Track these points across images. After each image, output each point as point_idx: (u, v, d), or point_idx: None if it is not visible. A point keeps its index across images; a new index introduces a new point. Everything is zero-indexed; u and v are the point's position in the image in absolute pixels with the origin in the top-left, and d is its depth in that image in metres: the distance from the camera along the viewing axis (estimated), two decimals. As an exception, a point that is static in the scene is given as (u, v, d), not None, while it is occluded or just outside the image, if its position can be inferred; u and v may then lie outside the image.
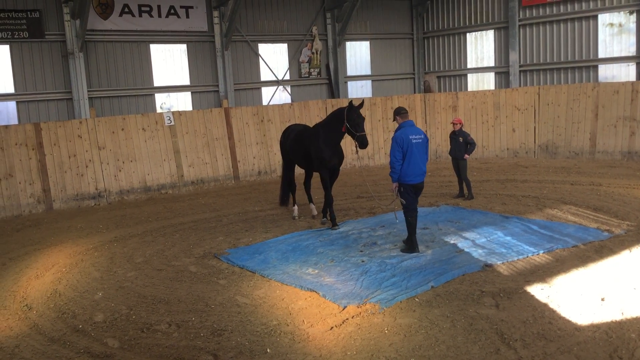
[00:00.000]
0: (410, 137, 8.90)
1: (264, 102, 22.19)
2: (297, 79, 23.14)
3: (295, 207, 12.46)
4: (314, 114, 19.05)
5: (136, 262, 9.74)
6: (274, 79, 22.54)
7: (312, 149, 11.37)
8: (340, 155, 11.41)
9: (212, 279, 8.61)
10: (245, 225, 11.95)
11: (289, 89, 22.93)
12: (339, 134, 11.04)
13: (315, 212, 12.30)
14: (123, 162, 15.89)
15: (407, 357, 5.81)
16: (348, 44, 24.37)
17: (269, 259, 9.38)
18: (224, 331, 6.73)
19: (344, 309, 7.09)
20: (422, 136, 9.04)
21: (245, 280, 8.49)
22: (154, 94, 20.18)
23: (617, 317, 6.40)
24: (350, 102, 10.80)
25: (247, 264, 9.14)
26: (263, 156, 18.08)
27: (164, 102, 20.41)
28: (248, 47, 21.79)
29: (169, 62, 20.40)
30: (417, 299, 7.29)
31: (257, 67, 22.20)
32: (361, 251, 9.55)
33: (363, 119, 10.73)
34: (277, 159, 18.24)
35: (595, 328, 6.18)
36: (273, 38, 22.39)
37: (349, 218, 11.92)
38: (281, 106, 18.86)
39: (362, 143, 10.59)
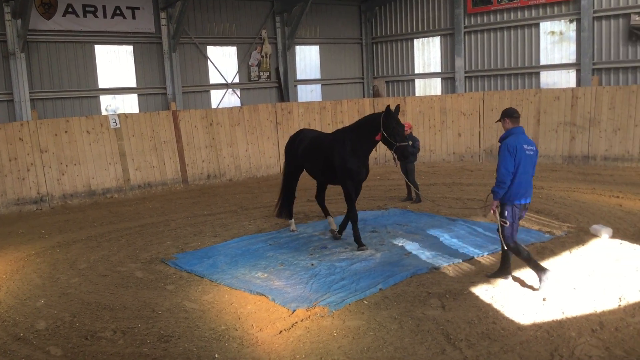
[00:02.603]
0: (524, 147, 7.34)
1: (213, 105, 21.99)
2: (247, 82, 23.03)
3: (293, 220, 11.27)
4: (264, 117, 19.01)
5: (80, 268, 9.49)
6: (223, 82, 22.37)
7: (336, 159, 9.81)
8: (367, 169, 9.96)
9: (159, 285, 8.47)
10: (193, 229, 11.81)
11: (238, 92, 22.80)
12: (370, 143, 9.62)
13: (334, 227, 10.73)
14: (66, 166, 15.46)
15: (356, 359, 5.85)
16: (298, 48, 24.42)
17: (217, 263, 9.29)
18: (171, 337, 6.62)
19: (293, 313, 7.09)
20: (534, 148, 7.49)
21: (193, 285, 8.39)
22: (98, 96, 19.72)
23: (558, 316, 6.60)
24: (388, 107, 9.23)
25: (195, 269, 9.03)
26: (212, 160, 17.91)
27: (110, 105, 19.96)
28: (196, 49, 21.56)
29: (115, 64, 19.98)
30: (365, 302, 7.35)
31: (205, 70, 21.99)
32: (311, 254, 9.57)
33: (403, 126, 9.41)
34: (226, 162, 18.12)
35: (537, 327, 6.36)
36: (222, 41, 22.22)
37: (299, 222, 11.92)
38: (230, 109, 18.74)
39: (404, 155, 9.27)
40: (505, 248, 7.56)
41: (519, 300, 7.14)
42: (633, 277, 7.69)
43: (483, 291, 7.48)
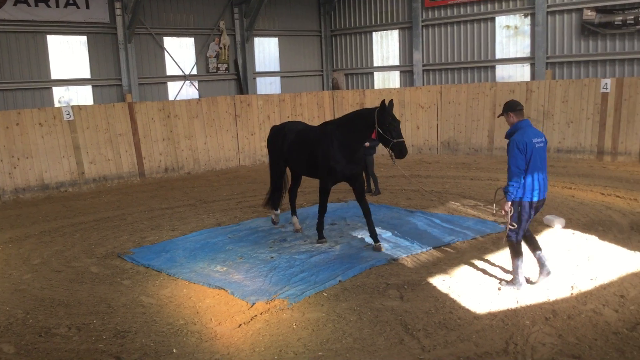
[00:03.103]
0: (534, 140, 6.90)
1: (171, 97, 21.68)
2: (205, 74, 22.77)
3: (278, 212, 10.76)
4: (223, 110, 18.83)
5: (33, 263, 9.25)
6: (181, 73, 22.06)
7: (321, 155, 9.31)
8: (359, 163, 9.39)
9: (116, 280, 8.32)
10: (151, 223, 11.64)
11: (196, 84, 22.52)
12: (362, 139, 9.10)
13: (298, 227, 10.44)
14: (18, 159, 15.02)
15: (315, 351, 5.87)
16: (257, 40, 24.25)
17: (176, 257, 9.18)
18: (127, 333, 6.52)
19: (252, 306, 7.06)
20: (544, 139, 7.07)
21: (150, 279, 8.27)
22: (51, 88, 19.23)
23: (513, 305, 6.75)
24: (383, 102, 8.71)
25: (152, 263, 8.91)
26: (170, 152, 17.67)
27: (63, 96, 19.48)
28: (153, 40, 21.20)
29: (68, 55, 19.49)
30: (325, 294, 7.37)
31: (162, 61, 21.64)
32: (270, 247, 9.54)
33: (399, 121, 8.85)
34: (184, 155, 17.89)
35: (492, 316, 6.49)
36: (179, 32, 21.90)
37: (258, 215, 11.87)
38: (188, 101, 18.50)
39: (401, 152, 8.65)
40: (505, 240, 7.29)
41: (475, 290, 7.26)
42: (585, 266, 7.91)
43: (440, 282, 7.59)
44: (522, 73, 20.98)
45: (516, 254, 7.19)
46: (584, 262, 8.08)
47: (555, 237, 9.32)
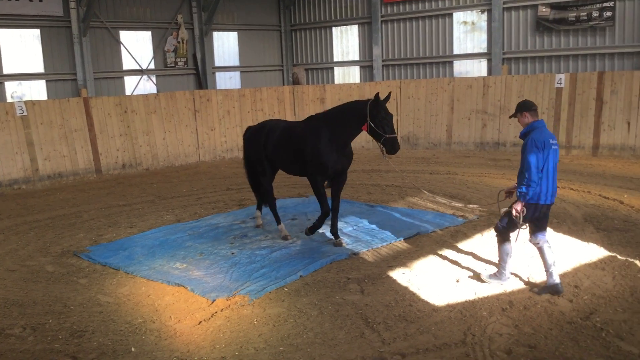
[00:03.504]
0: (550, 141, 6.66)
1: (128, 92, 21.29)
2: (163, 69, 22.43)
3: (282, 225, 9.81)
4: (182, 105, 18.60)
5: (-15, 263, 8.98)
6: (138, 68, 21.69)
7: (309, 151, 8.88)
8: (349, 157, 9.08)
9: (72, 279, 8.14)
10: (108, 220, 11.42)
11: (154, 78, 22.18)
12: (352, 133, 8.77)
13: (260, 222, 10.22)
14: (-32, 156, 14.55)
15: (276, 346, 5.86)
16: (215, 34, 24.01)
17: (134, 255, 9.03)
18: (84, 332, 6.39)
19: (212, 303, 7.00)
20: (556, 142, 6.83)
21: (108, 278, 8.12)
22: (3, 83, 18.67)
23: (471, 297, 6.86)
24: (377, 95, 8.42)
25: (110, 261, 8.75)
26: (127, 148, 17.36)
27: (15, 91, 18.93)
28: (108, 34, 20.77)
29: (21, 49, 18.94)
30: (286, 289, 7.36)
31: (118, 56, 21.23)
32: (231, 243, 9.47)
33: (392, 116, 8.52)
34: (142, 151, 17.61)
35: (451, 308, 6.58)
36: (136, 25, 21.51)
37: (219, 211, 11.78)
38: (146, 96, 18.20)
39: (394, 147, 8.33)
40: (495, 230, 7.20)
41: (434, 282, 7.35)
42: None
43: (400, 275, 7.66)
44: (479, 68, 21.30)
45: (504, 246, 7.09)
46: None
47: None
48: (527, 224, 6.88)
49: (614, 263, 7.77)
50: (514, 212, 6.73)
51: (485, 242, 8.93)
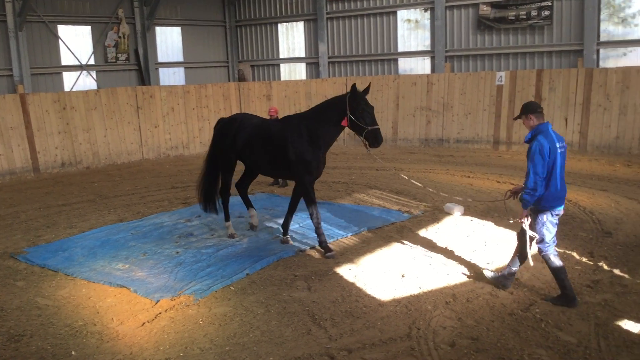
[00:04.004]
0: (557, 145, 6.34)
1: (66, 88, 20.62)
2: (103, 64, 21.82)
3: (230, 223, 9.62)
4: (124, 101, 18.16)
5: None
6: (77, 63, 21.03)
7: (291, 152, 8.47)
8: (324, 162, 8.78)
9: (8, 281, 7.84)
10: (46, 221, 11.05)
11: (94, 74, 21.55)
12: (334, 132, 8.45)
13: (256, 221, 9.68)
14: None
15: (222, 346, 5.79)
16: (158, 29, 23.53)
17: (74, 256, 8.76)
18: (22, 336, 6.16)
19: (156, 303, 6.86)
20: (565, 144, 6.51)
21: (46, 280, 7.85)
22: None
23: (415, 291, 6.95)
24: (354, 86, 8.11)
25: (48, 263, 8.46)
26: (67, 146, 16.83)
27: (-54, 87, 18.11)
28: (46, 28, 20.05)
29: (-49, 42, 18.12)
30: (232, 287, 7.29)
31: (57, 51, 20.52)
32: (176, 242, 9.31)
33: (372, 107, 8.19)
34: (83, 149, 17.11)
35: (396, 303, 6.66)
36: (74, 19, 20.83)
37: (163, 209, 11.56)
38: (86, 93, 17.70)
39: (377, 139, 8.01)
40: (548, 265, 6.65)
41: (380, 277, 7.42)
42: (482, 251, 8.27)
43: (347, 271, 7.70)
44: (423, 66, 21.61)
45: (561, 272, 6.50)
46: (481, 247, 8.45)
47: (455, 224, 9.70)
48: (541, 233, 6.48)
49: (552, 255, 8.00)
50: (520, 220, 6.52)
51: (429, 237, 9.07)
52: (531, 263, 6.65)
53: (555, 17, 18.41)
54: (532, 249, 6.64)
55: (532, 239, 6.50)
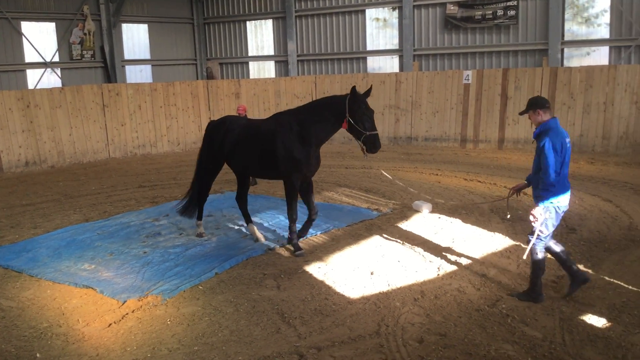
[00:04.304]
0: (566, 140, 6.28)
1: (30, 86, 20.22)
2: (68, 62, 21.46)
3: (201, 222, 9.46)
4: (89, 99, 17.85)
5: None
6: (41, 60, 20.64)
7: (280, 148, 8.19)
8: (318, 160, 8.45)
9: (-30, 284, 7.66)
10: (10, 221, 10.80)
11: (58, 71, 21.17)
12: (327, 131, 8.21)
13: (261, 238, 9.01)
14: None
15: (190, 346, 5.74)
16: (124, 26, 23.22)
17: (38, 257, 8.58)
18: (-16, 340, 6.03)
19: (123, 304, 6.77)
20: (569, 139, 6.41)
21: (10, 281, 7.68)
22: None
23: (384, 288, 7.00)
24: (354, 89, 7.87)
25: (12, 264, 8.27)
26: (31, 145, 16.49)
27: None
28: (9, 24, 19.63)
29: None
30: (201, 287, 7.23)
31: (20, 48, 20.12)
32: (143, 242, 9.20)
33: (373, 111, 7.99)
34: (47, 148, 16.79)
35: (365, 300, 6.68)
36: (38, 16, 20.44)
37: (130, 209, 11.41)
38: (50, 90, 17.34)
39: (375, 145, 7.85)
40: (530, 258, 6.59)
41: (349, 275, 7.44)
42: (450, 248, 8.36)
43: (316, 269, 7.70)
44: (391, 64, 21.75)
45: (540, 269, 6.47)
46: (449, 244, 8.54)
47: (423, 222, 9.78)
48: (542, 231, 6.36)
49: (518, 251, 8.14)
50: (531, 217, 6.35)
51: (398, 234, 9.13)
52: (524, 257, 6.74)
53: (521, 17, 18.71)
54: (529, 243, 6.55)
55: (540, 233, 6.37)
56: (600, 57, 18.07)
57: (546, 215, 6.30)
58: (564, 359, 5.29)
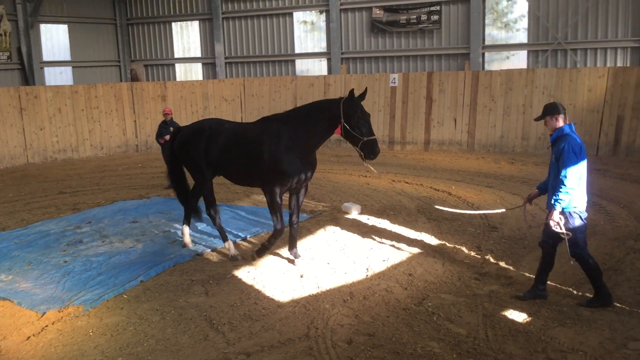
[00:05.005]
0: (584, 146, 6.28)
1: (-60, 88, 19.09)
2: (-18, 63, 20.42)
3: (230, 243, 8.44)
4: (5, 102, 17.05)
5: None
6: (-48, 61, 19.54)
7: (266, 158, 7.60)
8: (313, 165, 7.92)
9: None
10: None
11: (-28, 73, 20.11)
12: (319, 137, 7.65)
13: (189, 243, 8.71)
14: None
15: (114, 357, 5.55)
16: (43, 27, 22.30)
17: (-51, 269, 8.12)
18: None
19: (43, 316, 6.49)
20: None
21: None
22: None
23: (314, 291, 7.00)
24: (351, 92, 7.29)
25: None
26: (-59, 151, 15.56)
27: None
28: None
29: None
30: (125, 296, 7.02)
31: None
32: (64, 251, 8.85)
33: (369, 115, 7.45)
34: (-41, 153, 15.88)
35: (295, 303, 6.67)
36: (-52, 14, 19.35)
37: (50, 216, 10.94)
38: (-38, 93, 16.45)
39: (373, 151, 7.29)
40: (573, 261, 6.43)
41: (279, 279, 7.41)
42: (378, 249, 8.46)
43: (245, 274, 7.62)
44: (320, 67, 21.88)
45: (596, 271, 6.34)
46: (378, 245, 8.65)
47: (353, 223, 9.86)
48: (570, 233, 6.22)
49: (443, 250, 8.34)
50: (551, 222, 6.23)
51: (327, 236, 9.17)
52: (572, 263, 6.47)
53: (444, 22, 19.24)
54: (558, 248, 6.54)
55: (567, 236, 6.22)
56: (519, 61, 18.83)
57: (575, 223, 6.24)
58: (487, 354, 5.45)
